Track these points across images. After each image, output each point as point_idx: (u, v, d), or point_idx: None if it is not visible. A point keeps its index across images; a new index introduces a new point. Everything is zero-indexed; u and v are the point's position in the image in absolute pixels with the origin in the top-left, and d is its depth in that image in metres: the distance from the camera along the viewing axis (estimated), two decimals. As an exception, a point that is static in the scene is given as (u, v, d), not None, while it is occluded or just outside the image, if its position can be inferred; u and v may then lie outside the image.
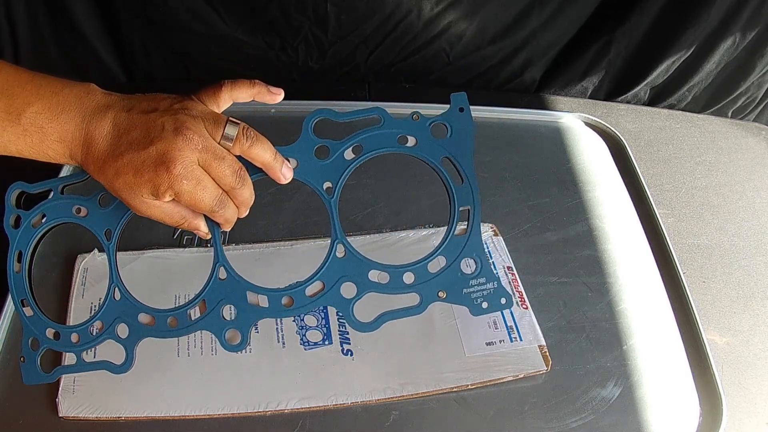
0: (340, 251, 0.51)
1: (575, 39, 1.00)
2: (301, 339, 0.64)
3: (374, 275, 0.51)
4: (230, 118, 0.46)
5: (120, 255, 0.71)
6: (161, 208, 0.46)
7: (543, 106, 0.99)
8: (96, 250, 0.70)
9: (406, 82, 1.04)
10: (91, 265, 0.70)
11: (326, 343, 0.64)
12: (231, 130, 0.45)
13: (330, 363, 0.63)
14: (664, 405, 0.61)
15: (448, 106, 0.51)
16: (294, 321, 0.66)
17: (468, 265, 0.51)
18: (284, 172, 0.49)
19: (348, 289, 0.50)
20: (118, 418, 0.58)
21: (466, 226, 0.51)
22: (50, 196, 0.51)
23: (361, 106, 0.52)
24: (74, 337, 0.51)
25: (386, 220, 0.76)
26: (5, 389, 0.61)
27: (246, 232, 0.74)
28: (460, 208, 0.51)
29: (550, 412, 0.60)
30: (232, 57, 0.99)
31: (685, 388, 0.63)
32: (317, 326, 0.65)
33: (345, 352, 0.63)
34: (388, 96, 1.00)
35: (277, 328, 0.65)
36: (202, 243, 0.73)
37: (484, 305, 0.51)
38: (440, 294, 0.50)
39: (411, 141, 0.51)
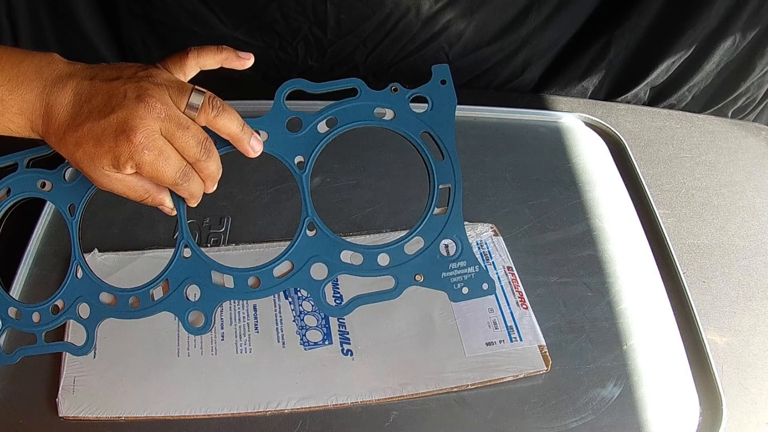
0: (310, 230, 0.48)
1: (575, 39, 1.00)
2: (301, 339, 0.64)
3: (347, 256, 0.48)
4: (196, 87, 0.44)
5: (120, 255, 0.71)
6: (123, 182, 0.44)
7: (543, 106, 0.99)
8: (96, 250, 0.70)
9: (406, 82, 1.04)
10: (91, 265, 0.69)
11: (326, 343, 0.64)
12: (196, 99, 0.43)
13: (330, 363, 0.63)
14: (664, 405, 0.61)
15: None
16: (294, 321, 0.66)
17: (448, 248, 0.48)
18: (253, 145, 0.46)
19: (318, 270, 0.48)
20: (118, 418, 0.59)
21: (446, 206, 0.48)
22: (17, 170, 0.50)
23: None
24: (35, 317, 0.50)
25: (386, 220, 0.76)
26: (5, 389, 0.61)
27: (246, 232, 0.74)
28: (440, 186, 0.48)
29: (550, 412, 0.60)
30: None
31: (685, 388, 0.63)
32: (317, 326, 0.65)
33: (345, 352, 0.63)
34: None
35: (277, 328, 0.65)
36: (202, 243, 0.73)
37: (465, 291, 0.48)
38: (417, 277, 0.48)
39: (389, 114, 0.49)
